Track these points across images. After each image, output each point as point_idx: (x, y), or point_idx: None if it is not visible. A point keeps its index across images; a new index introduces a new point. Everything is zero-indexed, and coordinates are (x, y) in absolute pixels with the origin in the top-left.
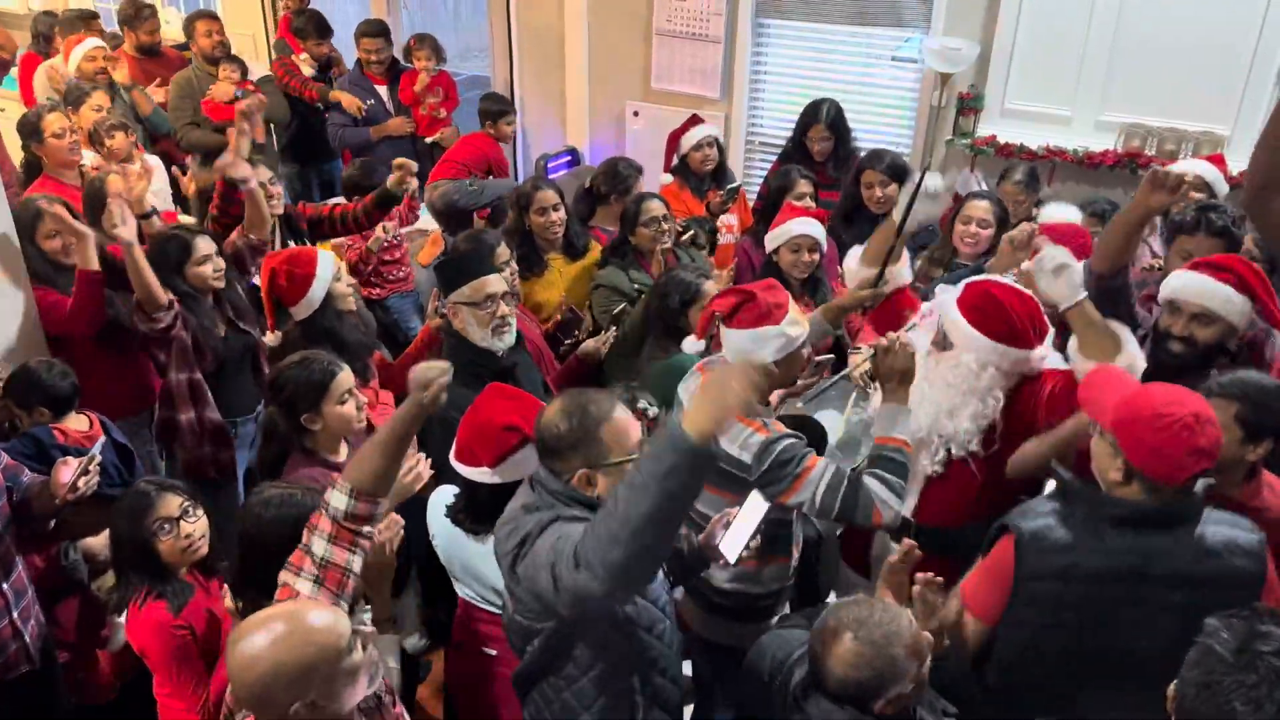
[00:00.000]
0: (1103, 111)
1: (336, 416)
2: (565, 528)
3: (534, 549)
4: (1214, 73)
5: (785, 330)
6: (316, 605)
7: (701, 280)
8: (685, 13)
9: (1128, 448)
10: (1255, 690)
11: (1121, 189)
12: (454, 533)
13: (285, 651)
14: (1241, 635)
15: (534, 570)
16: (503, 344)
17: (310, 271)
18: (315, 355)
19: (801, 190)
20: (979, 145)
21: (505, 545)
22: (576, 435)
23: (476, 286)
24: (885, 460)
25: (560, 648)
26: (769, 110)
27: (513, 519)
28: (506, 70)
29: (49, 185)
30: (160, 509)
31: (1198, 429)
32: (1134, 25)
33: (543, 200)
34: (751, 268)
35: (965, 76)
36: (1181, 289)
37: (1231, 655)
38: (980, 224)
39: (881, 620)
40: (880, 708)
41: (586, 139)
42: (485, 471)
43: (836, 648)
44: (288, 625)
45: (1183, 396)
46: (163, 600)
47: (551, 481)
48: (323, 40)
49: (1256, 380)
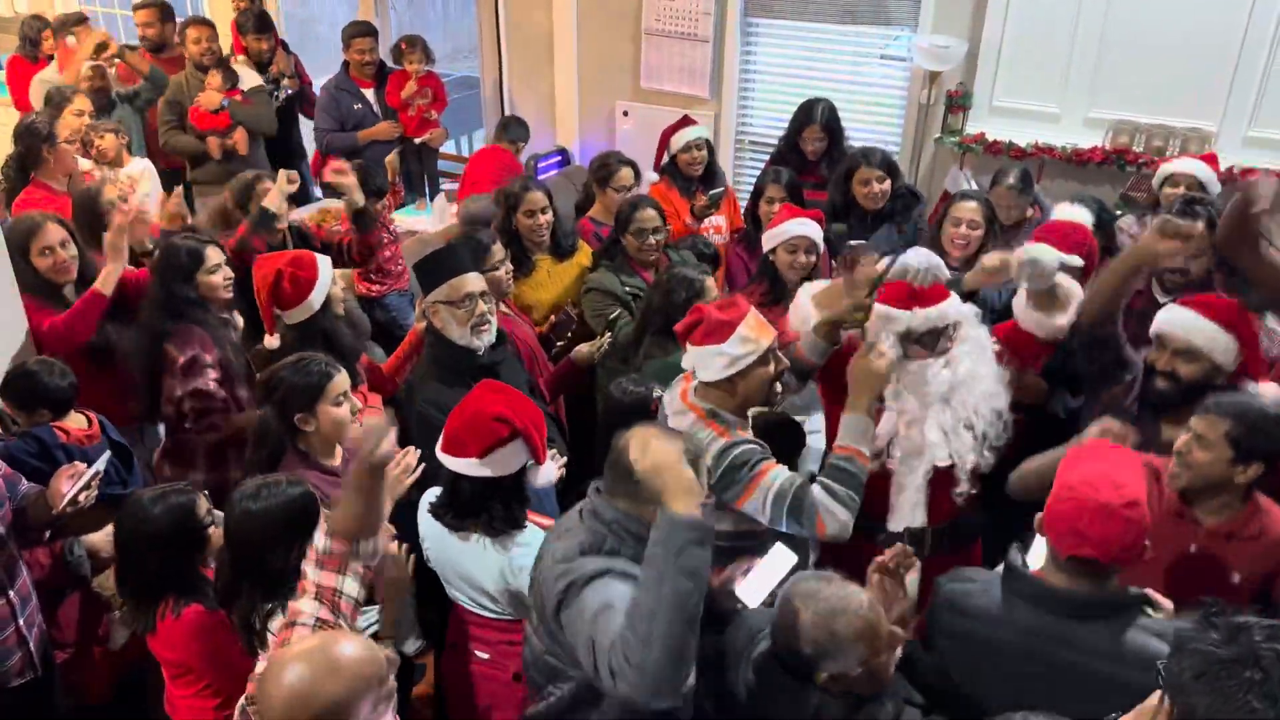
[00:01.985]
0: (1091, 108)
1: (331, 418)
2: (612, 591)
3: (580, 603)
4: (1201, 69)
5: (728, 350)
6: (346, 636)
7: (704, 277)
8: (674, 12)
9: (1045, 510)
10: (1266, 684)
11: (1110, 185)
12: (442, 535)
13: (332, 685)
14: (1228, 632)
15: (577, 628)
16: (482, 342)
17: (313, 276)
18: (312, 356)
19: (770, 194)
20: (967, 143)
21: (553, 587)
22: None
23: (455, 285)
24: (836, 470)
25: (589, 697)
26: (759, 109)
27: (566, 559)
28: (496, 71)
29: (39, 192)
30: (200, 505)
31: (1111, 519)
32: (1121, 22)
33: (532, 202)
34: (745, 270)
35: (953, 74)
36: (1168, 323)
37: (1226, 650)
38: (970, 225)
39: (829, 596)
40: (823, 681)
41: (576, 139)
42: (472, 463)
43: (788, 617)
44: (329, 658)
45: (1120, 482)
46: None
47: (606, 510)
48: (262, 35)
49: (1253, 402)
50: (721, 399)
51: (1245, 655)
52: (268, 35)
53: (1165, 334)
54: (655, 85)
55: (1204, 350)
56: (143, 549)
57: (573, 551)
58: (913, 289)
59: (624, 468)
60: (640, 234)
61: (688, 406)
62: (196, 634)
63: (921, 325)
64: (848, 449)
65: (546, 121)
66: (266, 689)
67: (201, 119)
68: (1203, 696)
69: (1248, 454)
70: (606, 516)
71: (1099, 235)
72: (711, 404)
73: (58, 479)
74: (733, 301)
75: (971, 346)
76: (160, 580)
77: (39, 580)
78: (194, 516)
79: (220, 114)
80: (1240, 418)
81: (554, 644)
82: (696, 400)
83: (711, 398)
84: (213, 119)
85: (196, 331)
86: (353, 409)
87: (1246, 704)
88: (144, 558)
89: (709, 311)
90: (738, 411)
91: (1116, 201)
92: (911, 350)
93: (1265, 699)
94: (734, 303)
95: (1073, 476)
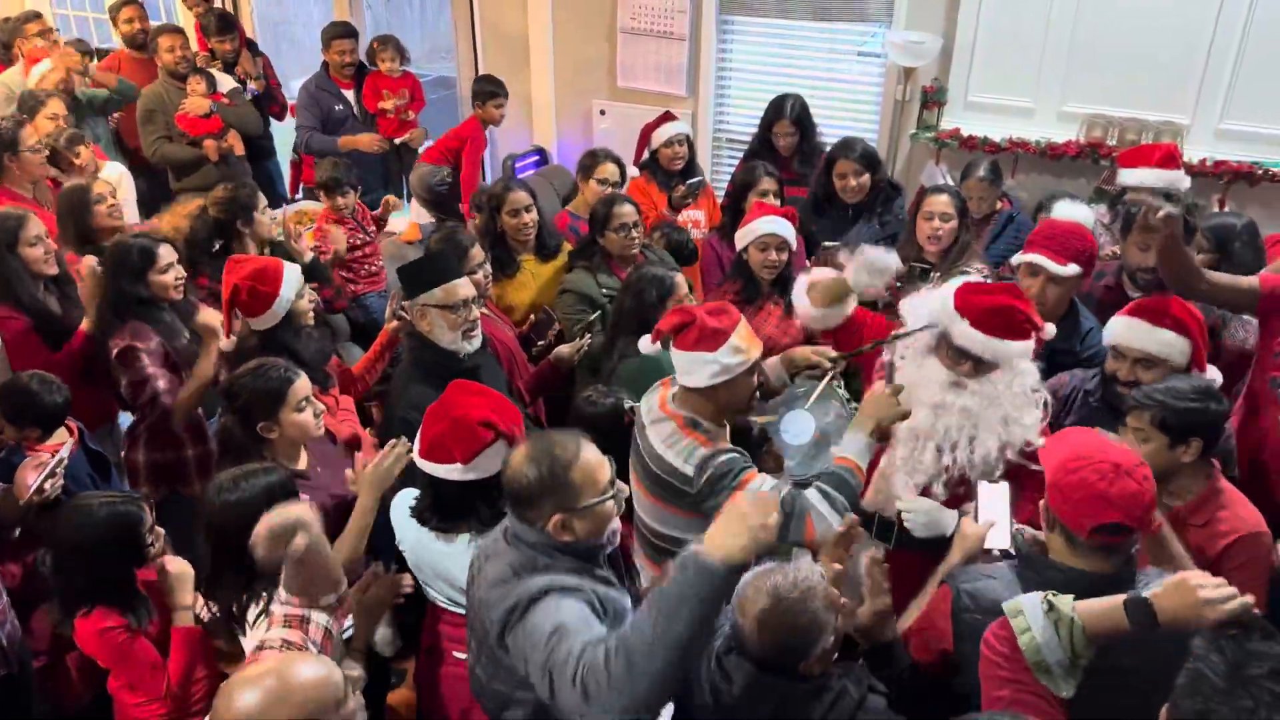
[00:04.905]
0: (1064, 103)
1: (294, 424)
2: (562, 611)
3: (525, 625)
4: (1173, 63)
5: (720, 359)
6: (304, 658)
7: (673, 274)
8: (649, 11)
9: (1051, 491)
10: (1254, 715)
11: (1084, 179)
12: (421, 535)
13: (281, 711)
14: (1233, 659)
15: (526, 653)
16: (471, 347)
17: (274, 290)
18: (271, 362)
19: (765, 187)
20: (943, 138)
21: (493, 613)
22: (547, 481)
23: (450, 290)
24: (835, 477)
25: (543, 718)
26: (735, 107)
27: (501, 582)
28: (472, 70)
29: (5, 198)
30: (147, 520)
31: (1116, 480)
32: (1094, 17)
33: (515, 202)
34: (720, 264)
35: (928, 70)
36: (1122, 336)
37: (1224, 681)
38: (942, 218)
39: (796, 581)
40: (807, 666)
41: (554, 138)
42: (456, 468)
43: (758, 617)
44: (281, 682)
45: (1106, 447)
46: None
47: (527, 533)
48: (225, 37)
49: (1167, 383)
50: (701, 406)
51: (1241, 686)
52: (231, 36)
53: (1121, 346)
54: (632, 84)
55: (1161, 356)
56: (80, 552)
57: (506, 573)
58: (992, 310)
59: (523, 483)
60: (622, 229)
61: (667, 414)
62: (100, 636)
63: (961, 341)
64: (849, 461)
65: (523, 121)
66: (218, 713)
67: (194, 125)
68: (1190, 714)
69: (1181, 434)
70: (529, 539)
71: None
72: (690, 411)
73: (23, 470)
74: (723, 308)
75: (991, 391)
76: (92, 587)
77: (10, 589)
78: (137, 529)
79: (211, 118)
80: (1162, 403)
81: (498, 670)
82: (676, 407)
83: (691, 404)
84: (205, 124)
85: (134, 325)
86: (316, 412)
87: None
88: (80, 562)
89: (701, 316)
90: (715, 419)
91: (1090, 194)
92: (940, 352)
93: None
94: (725, 310)
95: (1065, 453)
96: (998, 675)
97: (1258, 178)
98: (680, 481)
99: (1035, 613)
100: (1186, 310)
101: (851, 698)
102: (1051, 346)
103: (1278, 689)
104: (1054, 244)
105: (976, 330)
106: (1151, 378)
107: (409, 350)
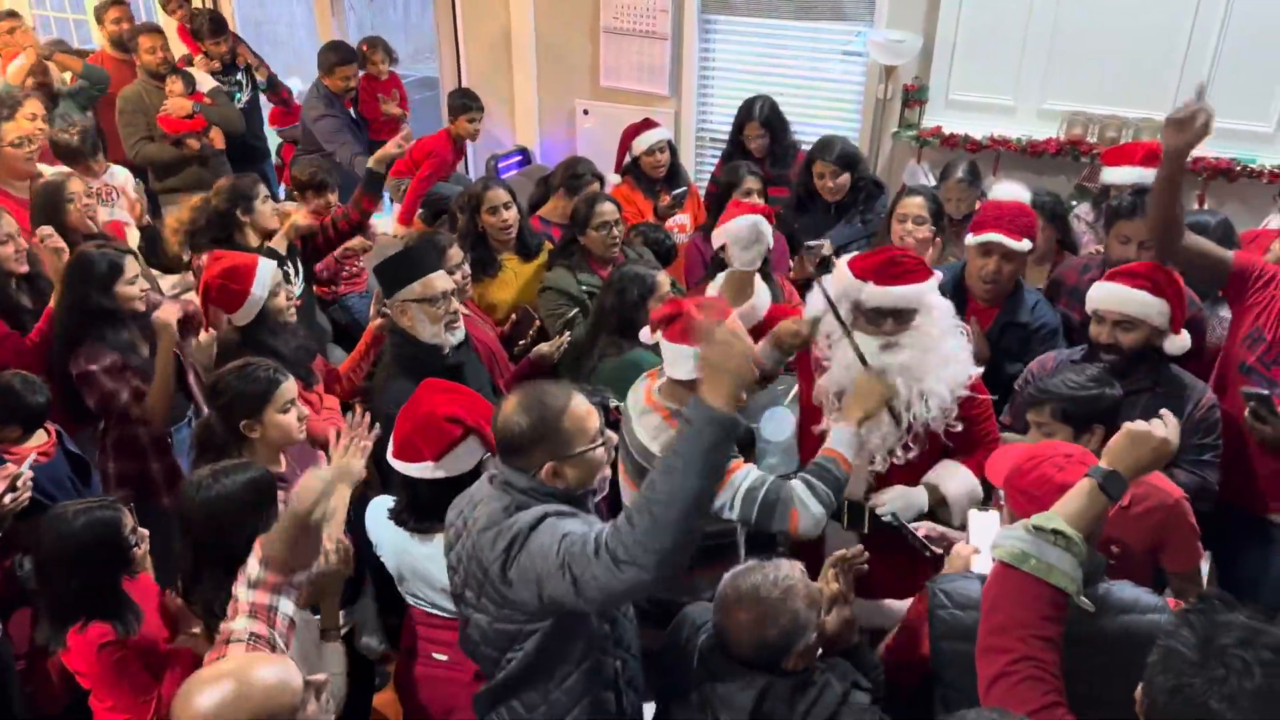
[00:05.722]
0: (1045, 100)
1: (277, 426)
2: (561, 525)
3: (529, 549)
4: (1152, 59)
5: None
6: (266, 660)
7: (655, 273)
8: (632, 10)
9: (1011, 498)
10: (1226, 685)
11: (1064, 176)
12: (399, 538)
13: (236, 713)
14: (1203, 631)
15: (538, 571)
16: (454, 339)
17: (245, 288)
18: (259, 362)
19: (749, 186)
20: (924, 136)
21: (491, 551)
22: (538, 429)
23: (427, 284)
24: (820, 469)
25: (557, 645)
26: (718, 106)
27: (494, 524)
28: (454, 70)
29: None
30: (126, 522)
31: (1069, 468)
32: (1073, 14)
33: (493, 199)
34: (703, 263)
35: (909, 69)
36: (1101, 299)
37: (1196, 654)
38: (915, 220)
39: (776, 580)
40: (792, 663)
41: (537, 138)
42: (428, 466)
43: (740, 616)
44: (237, 684)
45: (1057, 445)
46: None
47: (519, 479)
48: (218, 38)
49: (1062, 375)
50: (686, 398)
51: (1214, 657)
52: (224, 37)
53: (1100, 309)
54: (614, 83)
55: (1139, 317)
56: (63, 564)
57: (499, 516)
58: (884, 262)
59: (515, 431)
60: (603, 227)
61: (652, 407)
62: (98, 653)
63: (871, 301)
64: (834, 453)
65: (506, 121)
66: (176, 713)
67: (176, 125)
68: (1164, 692)
69: (1083, 422)
70: (521, 485)
71: (1054, 226)
72: (677, 403)
73: None
74: (713, 303)
75: (921, 339)
76: (79, 598)
77: None
78: (118, 533)
79: (195, 118)
80: (1060, 395)
81: (504, 607)
82: (661, 400)
83: (677, 396)
84: (188, 124)
85: (88, 348)
86: (300, 416)
87: (1204, 703)
88: (64, 573)
89: (689, 309)
90: None
91: (1071, 191)
92: (859, 323)
93: (1224, 700)
94: (715, 304)
95: (1014, 460)
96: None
97: (1236, 174)
98: None
99: (1023, 539)
100: (1164, 273)
101: (835, 692)
102: (1004, 321)
103: (1248, 656)
104: (1005, 223)
105: (881, 285)
106: (1131, 340)
107: (391, 347)
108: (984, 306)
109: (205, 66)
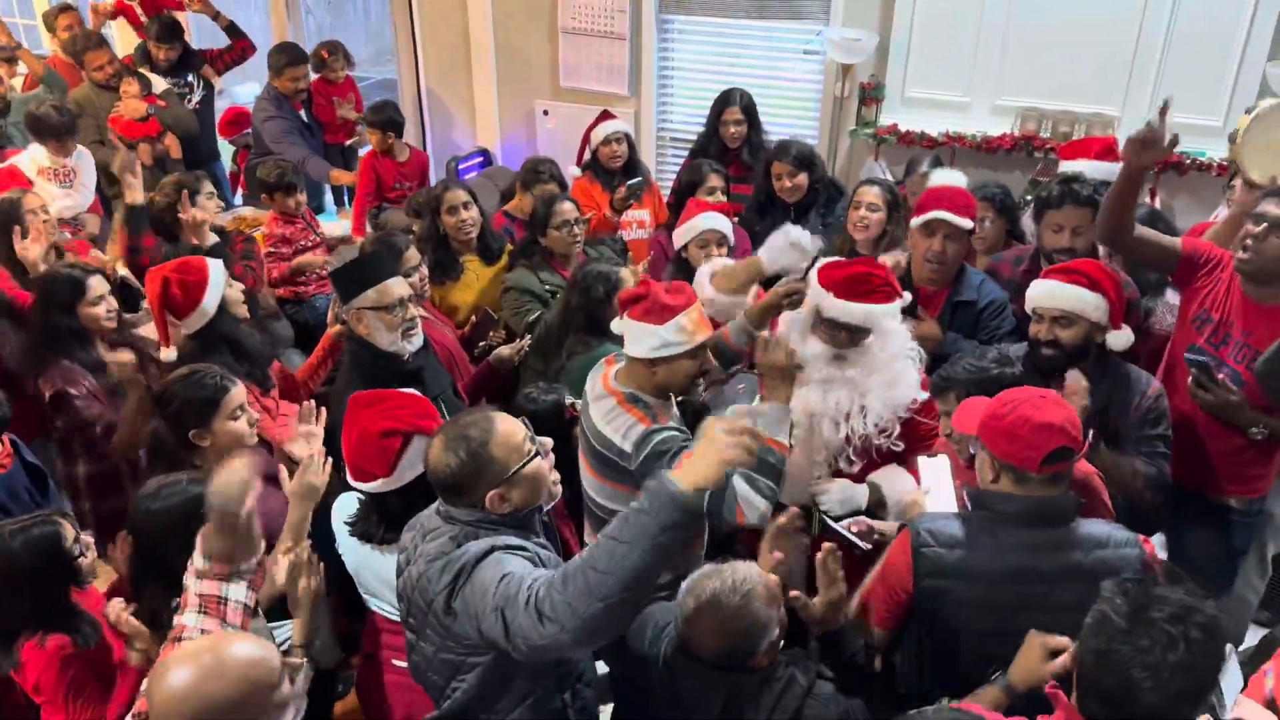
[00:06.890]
0: (999, 97)
1: (227, 433)
2: (506, 563)
3: (473, 583)
4: (1103, 56)
5: (662, 334)
6: (243, 638)
7: (619, 269)
8: (589, 10)
9: (989, 442)
10: (1149, 655)
11: (1019, 171)
12: (362, 545)
13: (215, 687)
14: (1136, 601)
15: (476, 608)
16: (412, 346)
17: (202, 279)
18: (206, 369)
19: (712, 184)
20: (881, 134)
21: (437, 584)
22: (470, 465)
23: (383, 290)
24: (758, 461)
25: (498, 678)
26: (678, 105)
27: (442, 554)
28: (413, 74)
29: None
30: (67, 534)
31: (1045, 407)
32: (1026, 12)
33: (452, 199)
34: (666, 260)
35: (865, 67)
36: (1039, 297)
37: (1126, 621)
38: (869, 208)
39: (735, 585)
40: (757, 661)
41: (497, 139)
42: (384, 482)
43: (703, 624)
44: (216, 659)
45: (1031, 389)
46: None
47: (465, 515)
48: (170, 44)
49: (962, 360)
50: (642, 380)
51: (1142, 627)
52: (173, 45)
53: (1039, 306)
54: (574, 84)
55: (1077, 313)
56: (5, 586)
57: (447, 547)
58: (852, 277)
59: (447, 473)
60: (563, 226)
61: (608, 391)
62: (57, 665)
63: (829, 312)
64: (772, 441)
65: (467, 122)
66: (151, 692)
67: (129, 128)
68: (1092, 653)
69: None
70: (466, 518)
71: (1003, 219)
72: (632, 388)
73: None
74: (681, 288)
75: (869, 359)
76: (29, 617)
77: None
78: (59, 546)
79: (149, 121)
80: (962, 380)
81: (447, 638)
82: (617, 384)
83: (633, 379)
84: (141, 127)
85: (63, 368)
86: (250, 421)
87: (1126, 671)
88: (6, 595)
89: (656, 290)
90: (658, 394)
91: (1026, 186)
92: (817, 329)
93: (1146, 670)
94: (683, 290)
95: (989, 406)
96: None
97: (1186, 167)
98: (619, 457)
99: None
100: (1101, 270)
101: (800, 685)
102: (954, 300)
103: (1175, 630)
104: (948, 202)
105: (841, 300)
106: (1070, 336)
107: (349, 354)
108: (932, 291)
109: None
